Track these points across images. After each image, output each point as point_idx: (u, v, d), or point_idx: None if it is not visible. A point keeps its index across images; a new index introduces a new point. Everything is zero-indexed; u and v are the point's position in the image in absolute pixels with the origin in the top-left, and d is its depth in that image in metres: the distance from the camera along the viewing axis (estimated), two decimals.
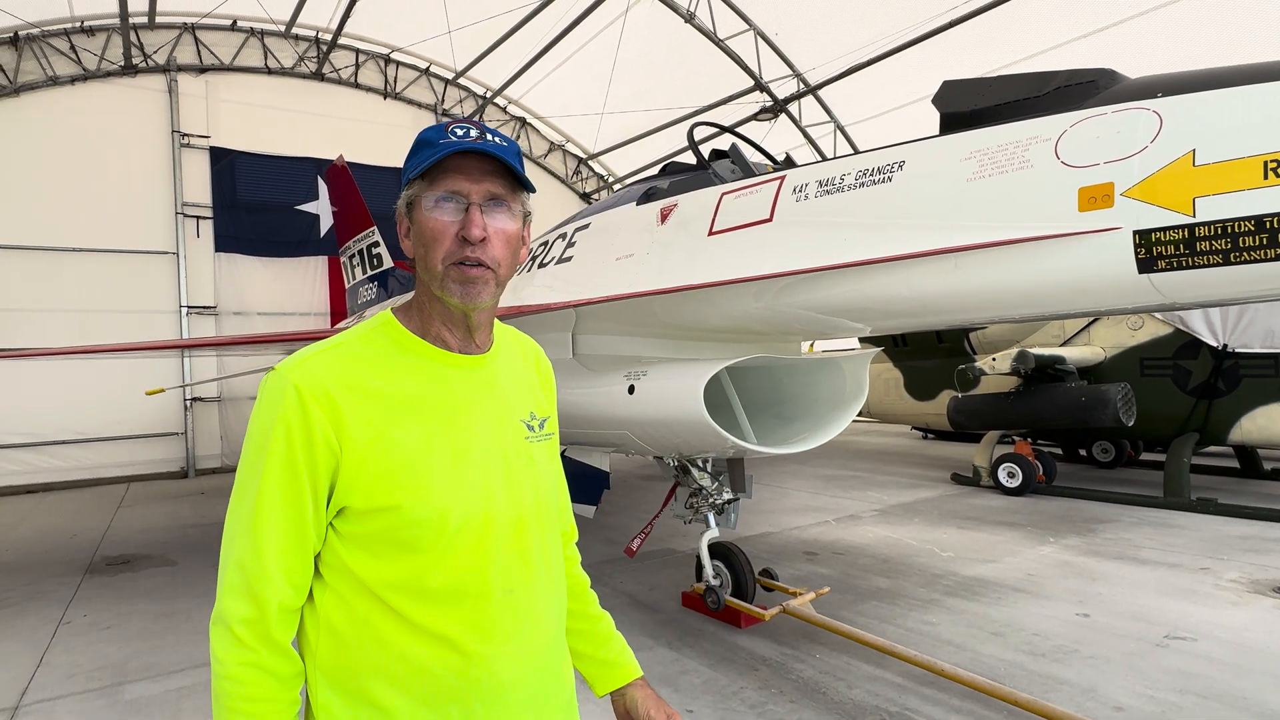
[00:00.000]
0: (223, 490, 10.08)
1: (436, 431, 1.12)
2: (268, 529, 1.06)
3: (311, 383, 1.07)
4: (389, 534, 1.08)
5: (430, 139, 1.12)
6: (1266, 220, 1.94)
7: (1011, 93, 2.65)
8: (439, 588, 1.10)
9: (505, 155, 1.11)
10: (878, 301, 2.95)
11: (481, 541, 1.12)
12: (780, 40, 12.04)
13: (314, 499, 1.07)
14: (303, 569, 1.09)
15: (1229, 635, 4.12)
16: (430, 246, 1.12)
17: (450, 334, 1.18)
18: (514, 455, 1.20)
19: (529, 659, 1.16)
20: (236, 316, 12.13)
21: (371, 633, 1.09)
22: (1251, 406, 7.56)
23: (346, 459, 1.07)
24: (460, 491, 1.11)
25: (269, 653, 1.06)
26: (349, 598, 1.10)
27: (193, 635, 4.44)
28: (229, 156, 12.13)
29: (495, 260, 1.12)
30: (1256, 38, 8.48)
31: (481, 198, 1.11)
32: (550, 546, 1.25)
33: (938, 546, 6.19)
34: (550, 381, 1.39)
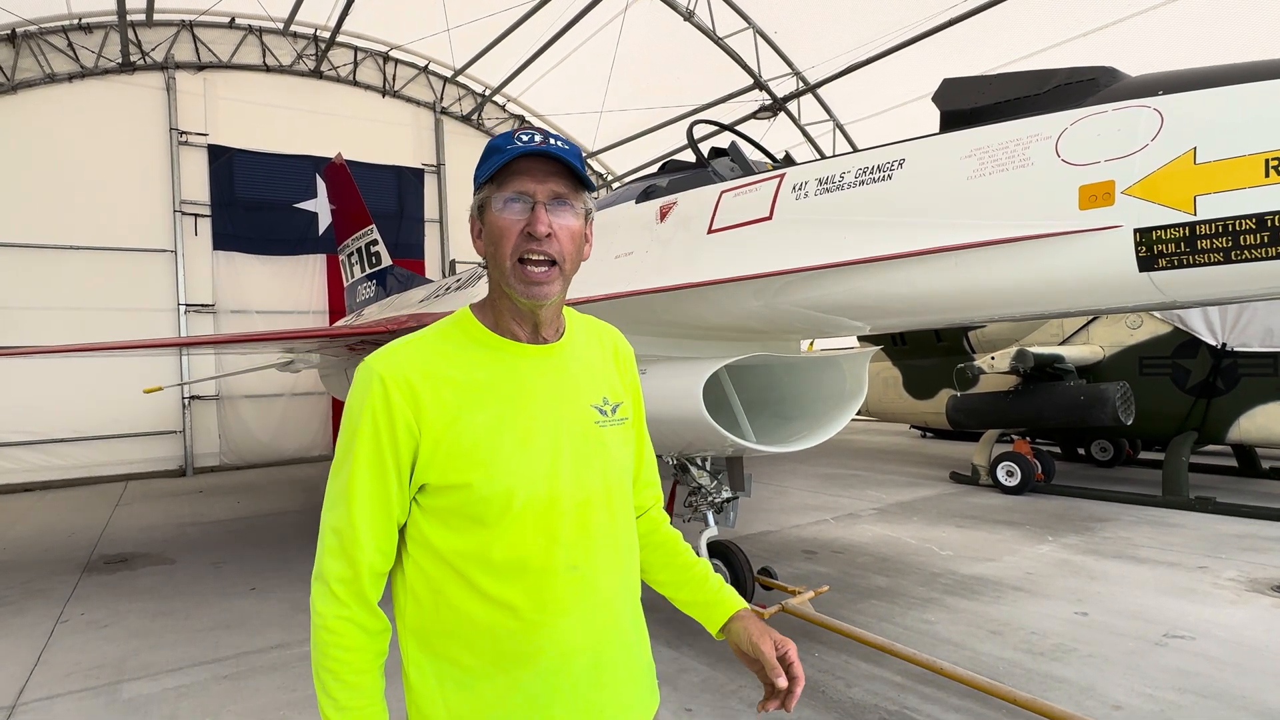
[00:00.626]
0: (221, 489, 10.07)
1: (505, 416, 1.21)
2: (358, 501, 1.18)
3: (394, 372, 1.18)
4: (461, 508, 1.18)
5: (499, 145, 1.20)
6: (1268, 218, 1.94)
7: (1012, 91, 2.65)
8: (503, 560, 1.18)
9: (567, 157, 1.19)
10: (877, 300, 2.94)
11: (546, 519, 1.20)
12: (779, 39, 12.03)
13: (397, 475, 1.18)
14: (388, 537, 1.21)
15: (1227, 634, 4.13)
16: (499, 243, 1.20)
17: (519, 327, 1.27)
18: (582, 439, 1.26)
19: (591, 631, 1.23)
20: (235, 315, 12.11)
21: (446, 598, 1.19)
22: (1250, 405, 7.56)
23: (425, 440, 1.17)
24: (526, 472, 1.19)
25: (360, 609, 1.19)
26: (427, 566, 1.21)
27: (191, 634, 4.44)
28: (227, 154, 12.10)
29: (560, 254, 1.20)
30: (1257, 36, 8.48)
31: (546, 197, 1.19)
32: (620, 526, 1.31)
33: (936, 545, 6.19)
34: (630, 368, 1.44)
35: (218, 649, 4.19)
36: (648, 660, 1.37)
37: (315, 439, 12.82)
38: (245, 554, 6.32)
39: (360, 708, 1.19)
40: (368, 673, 1.20)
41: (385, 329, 5.74)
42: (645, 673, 1.35)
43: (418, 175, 14.22)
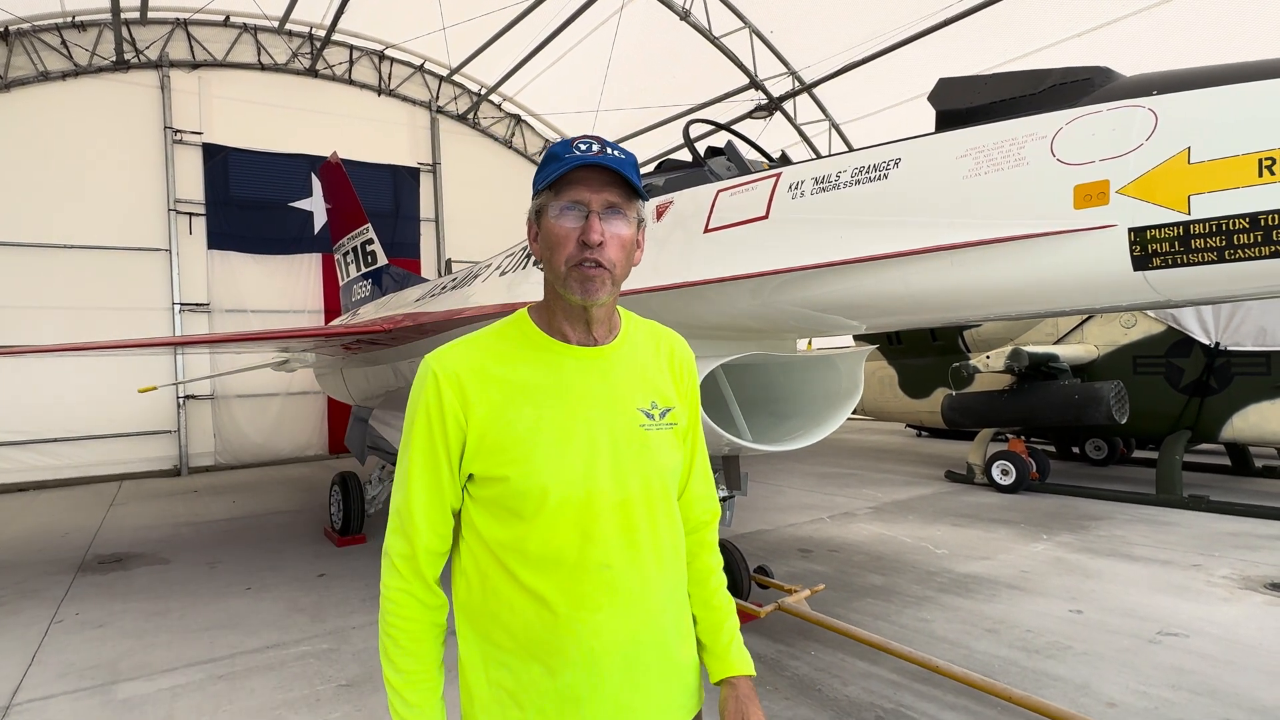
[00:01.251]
0: (216, 489, 10.04)
1: (546, 414, 1.25)
2: (414, 485, 1.27)
3: (446, 369, 1.27)
4: (501, 500, 1.24)
5: (558, 154, 1.25)
6: (1261, 218, 1.95)
7: (1007, 90, 2.65)
8: (537, 553, 1.23)
9: (623, 168, 1.22)
10: (874, 299, 2.94)
11: (581, 517, 1.23)
12: (775, 38, 12.04)
13: (449, 463, 1.26)
14: (443, 519, 1.29)
15: (1221, 631, 4.15)
16: (555, 249, 1.25)
17: (570, 328, 1.31)
18: (624, 441, 1.28)
19: (622, 631, 1.25)
20: (229, 314, 12.07)
21: (490, 583, 1.26)
22: (1243, 404, 7.60)
23: (471, 432, 1.24)
24: (562, 470, 1.23)
25: (417, 583, 1.28)
26: (476, 551, 1.28)
27: (185, 634, 4.43)
28: (222, 153, 12.06)
29: (611, 261, 1.24)
30: (1252, 36, 8.51)
31: (600, 206, 1.23)
32: (662, 529, 1.32)
33: (932, 544, 6.21)
34: (688, 374, 1.44)
35: (213, 649, 4.18)
36: (689, 663, 1.37)
37: (311, 438, 12.79)
38: (240, 554, 6.30)
39: (414, 671, 1.27)
40: (423, 641, 1.28)
41: (381, 328, 5.72)
42: (685, 675, 1.36)
43: (413, 174, 14.19)
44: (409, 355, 6.50)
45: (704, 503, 1.49)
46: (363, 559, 6.04)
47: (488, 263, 6.14)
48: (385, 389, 7.28)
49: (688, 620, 1.39)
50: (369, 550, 6.33)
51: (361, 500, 6.62)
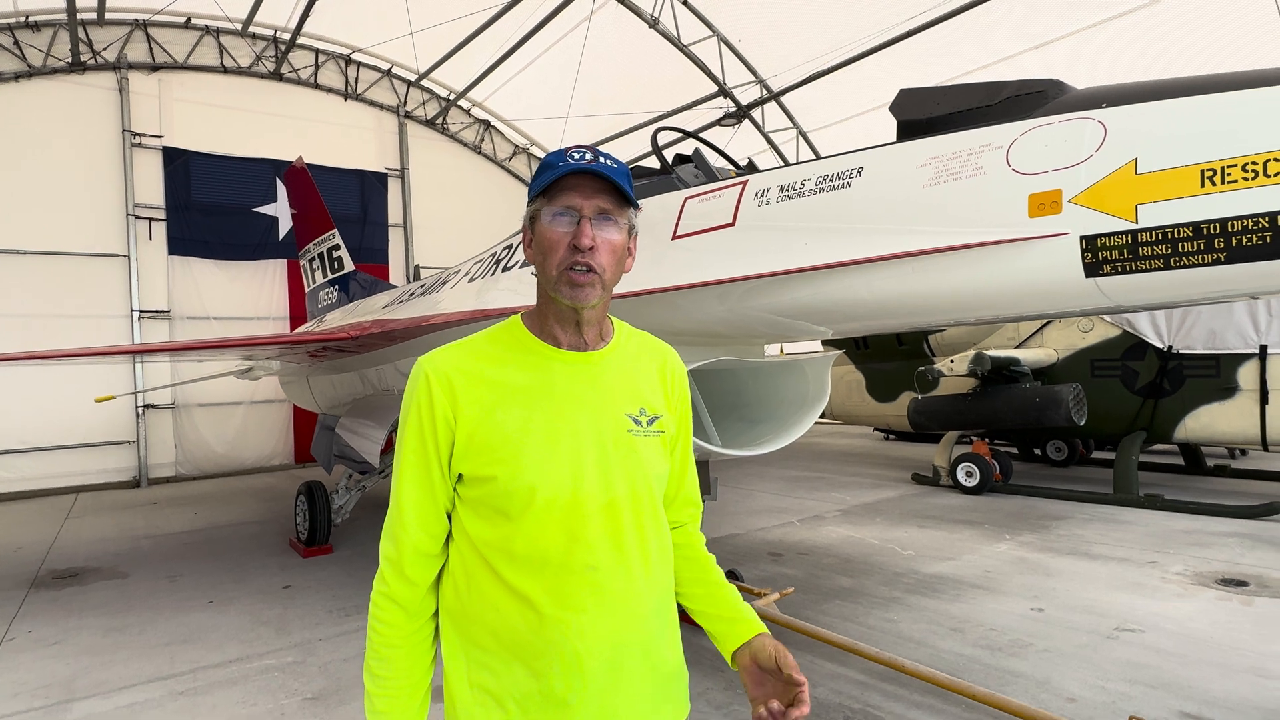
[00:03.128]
0: (177, 500, 9.79)
1: (535, 416, 1.27)
2: (405, 483, 1.29)
3: (437, 370, 1.29)
4: (488, 499, 1.26)
5: (552, 162, 1.27)
6: (1203, 226, 2.03)
7: (965, 101, 2.72)
8: (524, 553, 1.24)
9: (614, 176, 1.25)
10: (839, 304, 3.00)
11: (568, 518, 1.24)
12: (743, 46, 12.17)
13: (439, 462, 1.28)
14: (436, 519, 1.31)
15: (1175, 626, 4.28)
16: (548, 253, 1.27)
17: (562, 332, 1.33)
18: (612, 444, 1.29)
19: (607, 633, 1.25)
20: (191, 321, 11.80)
21: (477, 584, 1.27)
22: (1195, 405, 7.85)
23: (460, 433, 1.26)
24: (550, 471, 1.24)
25: (400, 586, 1.29)
26: (465, 552, 1.29)
27: (145, 649, 4.31)
28: (183, 157, 11.81)
29: (602, 266, 1.26)
30: (1198, 52, 8.83)
31: (592, 212, 1.26)
32: (649, 532, 1.33)
33: (899, 545, 6.30)
34: (678, 385, 1.46)
35: (173, 664, 4.08)
36: (676, 668, 1.38)
37: (276, 447, 12.55)
38: (202, 566, 6.15)
39: (388, 679, 1.29)
40: (401, 648, 1.29)
41: (348, 335, 5.65)
42: (671, 680, 1.36)
43: (381, 179, 14.04)
44: (376, 362, 6.43)
45: (691, 506, 1.53)
46: (329, 570, 5.94)
47: (457, 269, 6.10)
48: (352, 396, 7.19)
49: (674, 625, 1.39)
50: (336, 561, 6.23)
51: (328, 510, 6.52)
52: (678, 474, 1.47)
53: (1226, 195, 1.99)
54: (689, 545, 1.50)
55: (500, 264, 4.96)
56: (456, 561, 1.31)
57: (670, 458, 1.41)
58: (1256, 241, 1.96)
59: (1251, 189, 1.96)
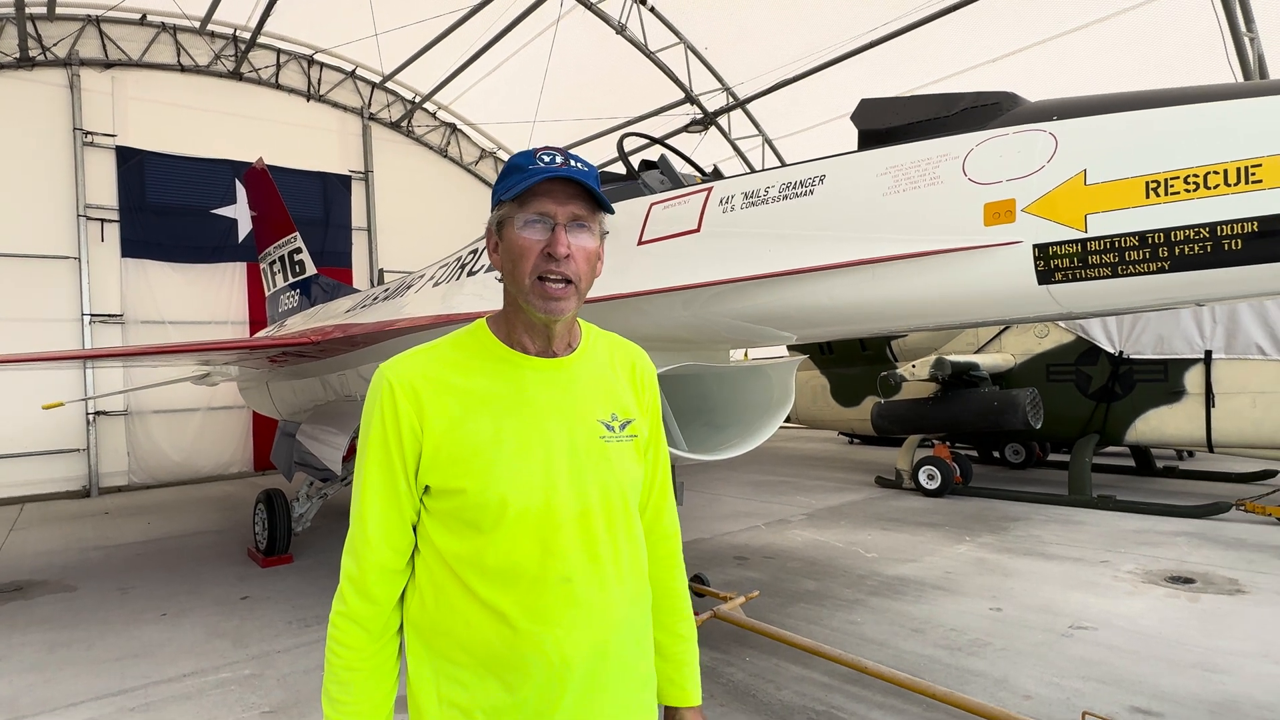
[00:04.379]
0: (129, 510, 9.49)
1: (505, 425, 1.23)
2: (369, 498, 1.24)
3: (401, 378, 1.25)
4: (458, 513, 1.21)
5: (520, 164, 1.24)
6: (1148, 236, 2.10)
7: (923, 112, 2.77)
8: (496, 566, 1.20)
9: (587, 180, 1.22)
10: (801, 310, 3.03)
11: (541, 529, 1.21)
12: (710, 54, 12.27)
13: (405, 474, 1.23)
14: (401, 533, 1.25)
15: (1126, 623, 4.40)
16: (519, 261, 1.23)
17: (530, 340, 1.29)
18: (584, 452, 1.26)
19: (583, 645, 1.22)
20: (146, 325, 11.47)
21: (446, 598, 1.22)
22: (1144, 409, 8.11)
23: (427, 443, 1.22)
24: (522, 481, 1.21)
25: (361, 605, 1.23)
26: (432, 565, 1.25)
27: (93, 665, 4.17)
28: (137, 156, 11.49)
29: (577, 274, 1.23)
30: (1144, 67, 9.15)
31: (566, 219, 1.22)
32: (623, 542, 1.30)
33: (862, 548, 6.38)
34: (649, 385, 1.43)
35: (124, 680, 3.95)
36: (648, 677, 1.36)
37: (234, 455, 12.25)
38: (156, 578, 5.97)
39: (347, 703, 1.23)
40: (361, 670, 1.24)
41: (308, 340, 5.54)
42: (646, 691, 1.34)
43: (345, 182, 13.83)
44: (338, 368, 6.31)
45: (668, 519, 1.48)
46: (289, 580, 5.81)
47: (421, 273, 6.03)
48: (313, 402, 7.05)
49: (648, 634, 1.37)
50: (296, 570, 6.10)
51: (288, 518, 6.38)
52: (650, 479, 1.43)
53: (1170, 206, 2.06)
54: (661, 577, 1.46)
55: (465, 268, 4.92)
56: (423, 575, 1.26)
57: (643, 461, 1.38)
58: (1198, 251, 2.03)
59: (1193, 200, 2.03)
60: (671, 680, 1.45)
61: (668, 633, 1.45)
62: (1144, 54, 9.14)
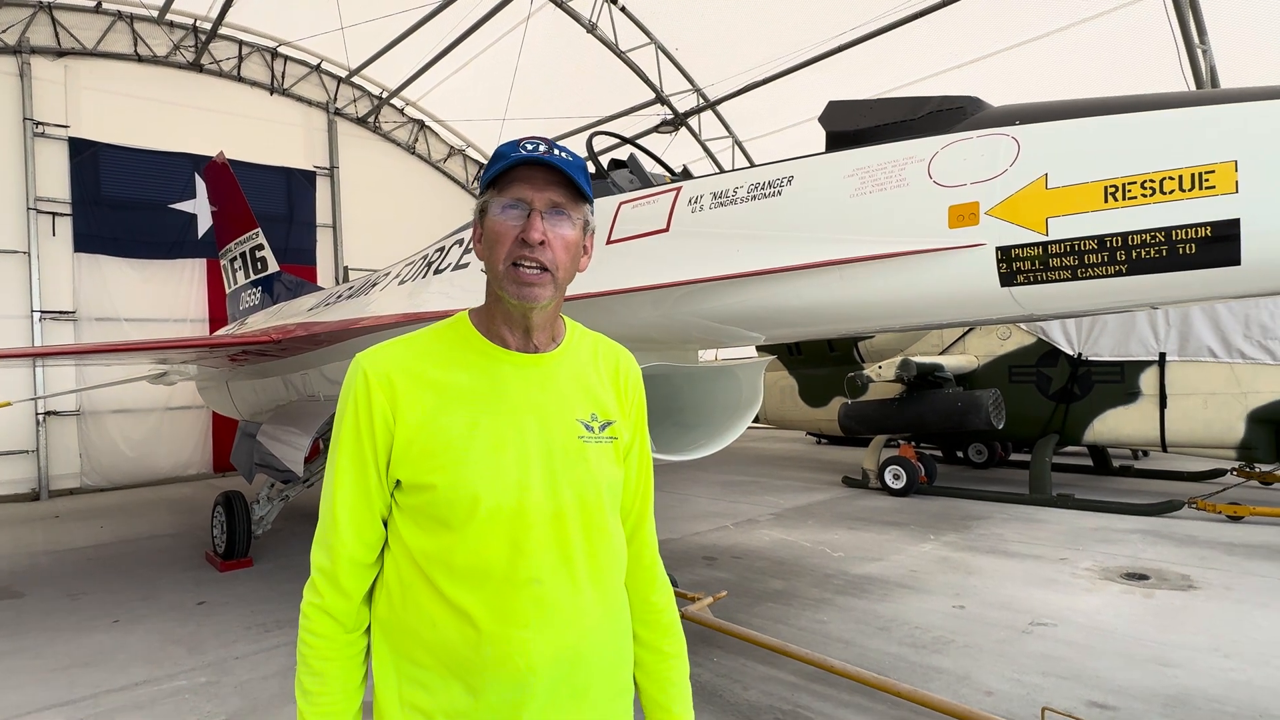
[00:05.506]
0: (81, 513, 9.19)
1: (480, 421, 1.21)
2: (340, 490, 1.22)
3: (377, 368, 1.23)
4: (428, 508, 1.19)
5: (504, 152, 1.22)
6: (1106, 240, 2.14)
7: (890, 115, 2.80)
8: (465, 565, 1.18)
9: (568, 168, 1.20)
10: (769, 311, 3.04)
11: (513, 529, 1.18)
12: (681, 55, 12.28)
13: (376, 467, 1.22)
14: (371, 527, 1.23)
15: (1084, 619, 4.50)
16: (494, 247, 1.22)
17: (510, 333, 1.27)
18: (560, 451, 1.24)
19: (551, 650, 1.19)
20: (100, 323, 11.11)
21: (413, 596, 1.20)
22: (1102, 410, 8.32)
23: (399, 436, 1.20)
24: (494, 479, 1.18)
25: (334, 598, 1.22)
26: (400, 562, 1.22)
27: (41, 674, 4.01)
28: (91, 149, 11.13)
29: (554, 263, 1.20)
30: (1110, 72, 9.38)
31: (544, 205, 1.20)
32: (598, 544, 1.26)
33: (829, 547, 6.44)
34: (632, 388, 1.39)
35: (73, 689, 3.81)
36: (624, 686, 1.32)
37: (193, 456, 11.93)
38: (108, 584, 5.78)
39: (319, 694, 1.21)
40: (334, 661, 1.22)
41: (269, 338, 5.42)
42: (619, 699, 1.30)
43: (309, 178, 13.57)
44: (301, 367, 6.19)
45: (650, 528, 1.44)
46: (249, 584, 5.67)
47: (387, 271, 5.94)
48: (275, 403, 6.90)
49: (625, 640, 1.33)
50: (256, 574, 5.95)
51: (248, 521, 6.23)
52: (633, 485, 1.39)
53: (1127, 210, 2.11)
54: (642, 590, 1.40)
55: (432, 266, 4.85)
56: (391, 572, 1.23)
57: (624, 464, 1.35)
58: (1154, 254, 2.08)
59: (1149, 205, 2.08)
60: (658, 702, 1.39)
61: (650, 650, 1.39)
62: (1104, 62, 9.39)
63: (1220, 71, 8.57)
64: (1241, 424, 7.40)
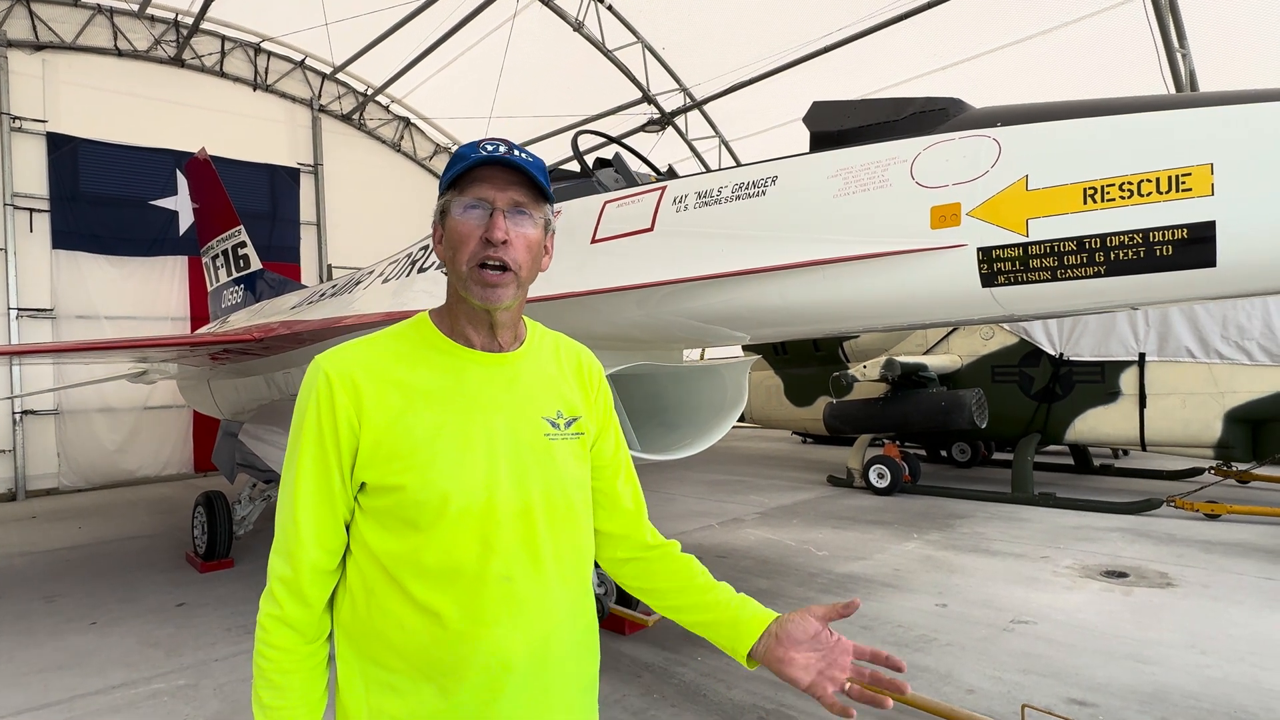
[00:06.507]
0: (59, 514, 9.06)
1: (447, 420, 1.21)
2: (302, 496, 1.20)
3: (339, 369, 1.21)
4: (395, 510, 1.18)
5: (464, 153, 1.22)
6: (1085, 241, 2.16)
7: (873, 116, 2.81)
8: (435, 565, 1.17)
9: (529, 168, 1.21)
10: (754, 311, 3.04)
11: (482, 527, 1.18)
12: (668, 55, 12.29)
13: (340, 471, 1.20)
14: (334, 533, 1.22)
15: (1064, 617, 4.54)
16: (457, 248, 1.22)
17: (474, 333, 1.27)
18: (527, 449, 1.24)
19: (522, 647, 1.19)
20: (79, 321, 10.96)
21: (379, 600, 1.19)
22: (1083, 409, 8.40)
23: (365, 438, 1.19)
24: (463, 478, 1.18)
25: (295, 607, 1.19)
26: (365, 565, 1.21)
27: (15, 677, 3.95)
28: (70, 144, 10.97)
29: (516, 262, 1.21)
30: (1092, 75, 9.48)
31: (506, 205, 1.21)
32: (564, 541, 1.27)
33: (814, 546, 6.46)
34: (596, 386, 1.42)
35: (47, 693, 3.76)
36: (590, 681, 1.33)
37: (173, 456, 11.80)
38: (85, 585, 5.70)
39: (279, 708, 1.19)
40: (294, 674, 1.20)
41: (251, 336, 5.36)
42: (586, 694, 1.32)
43: (293, 175, 13.46)
44: (283, 366, 6.13)
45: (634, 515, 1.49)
46: (229, 585, 5.61)
47: (371, 269, 5.90)
48: (257, 401, 6.84)
49: (592, 634, 1.34)
50: (236, 575, 5.89)
51: (229, 521, 6.16)
52: (612, 477, 1.43)
53: (1105, 212, 2.13)
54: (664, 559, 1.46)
55: (416, 265, 4.82)
56: (355, 577, 1.22)
57: (589, 459, 1.38)
58: (1131, 256, 2.10)
59: (1127, 207, 2.10)
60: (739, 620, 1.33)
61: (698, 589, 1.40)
62: (1086, 65, 9.48)
63: (1199, 75, 8.69)
64: (1219, 423, 7.50)
